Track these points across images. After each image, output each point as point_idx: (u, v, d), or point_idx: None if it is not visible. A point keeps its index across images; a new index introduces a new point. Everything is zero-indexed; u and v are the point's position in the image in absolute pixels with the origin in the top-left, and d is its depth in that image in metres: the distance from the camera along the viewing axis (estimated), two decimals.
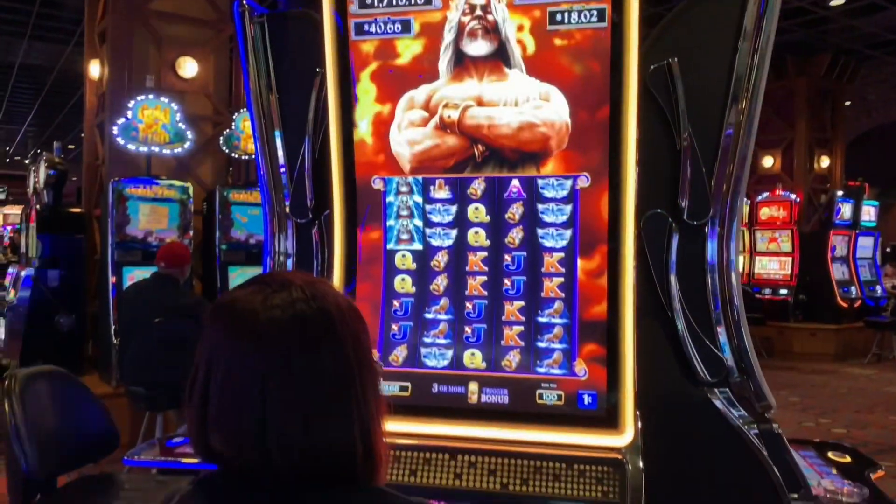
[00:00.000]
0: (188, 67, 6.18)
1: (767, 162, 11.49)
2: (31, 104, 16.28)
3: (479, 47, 1.75)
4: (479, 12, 1.74)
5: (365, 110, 1.83)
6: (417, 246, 1.86)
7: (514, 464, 1.65)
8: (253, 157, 5.63)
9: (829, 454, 2.39)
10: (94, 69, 6.42)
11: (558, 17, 1.72)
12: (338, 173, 1.89)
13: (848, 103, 11.95)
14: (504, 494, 1.62)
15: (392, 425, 1.74)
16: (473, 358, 1.79)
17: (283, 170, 2.17)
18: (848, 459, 2.36)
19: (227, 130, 6.17)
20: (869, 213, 10.81)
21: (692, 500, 1.93)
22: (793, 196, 10.66)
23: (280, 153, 2.17)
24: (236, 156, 6.24)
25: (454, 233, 1.84)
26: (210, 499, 0.91)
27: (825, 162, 11.33)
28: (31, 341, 5.38)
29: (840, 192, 10.64)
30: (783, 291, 10.55)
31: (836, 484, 2.04)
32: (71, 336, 5.51)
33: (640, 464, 1.63)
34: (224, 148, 6.23)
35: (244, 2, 2.10)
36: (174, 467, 2.08)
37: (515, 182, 1.79)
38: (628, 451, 1.63)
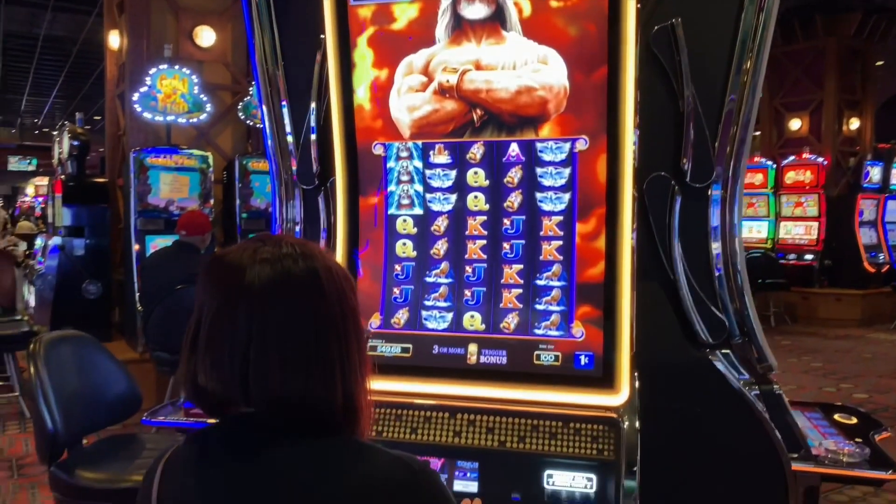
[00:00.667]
0: (206, 36, 6.21)
1: (794, 124, 11.26)
2: (57, 76, 16.48)
3: (476, 10, 1.75)
4: None
5: (363, 76, 1.85)
6: (418, 211, 1.89)
7: (512, 422, 1.69)
8: None
9: (836, 416, 2.40)
10: (114, 39, 6.47)
11: None
12: (339, 139, 1.91)
13: (879, 63, 11.61)
14: (502, 451, 1.67)
15: (394, 385, 1.81)
16: (473, 320, 1.82)
17: (289, 137, 2.19)
18: (854, 421, 2.37)
19: (246, 99, 6.21)
20: None
21: (692, 460, 1.96)
22: (820, 159, 10.45)
23: (286, 121, 2.20)
24: (255, 124, 6.29)
25: (454, 197, 1.86)
26: (200, 448, 0.97)
27: (854, 124, 11.06)
28: (60, 308, 5.54)
29: (869, 155, 10.42)
30: (808, 257, 10.43)
31: (838, 444, 2.06)
32: (98, 303, 5.67)
33: (636, 423, 1.66)
34: (242, 116, 6.28)
35: None
36: (189, 427, 2.16)
37: (514, 146, 1.80)
38: (623, 410, 1.66)
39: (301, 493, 0.89)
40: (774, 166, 10.83)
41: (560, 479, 1.62)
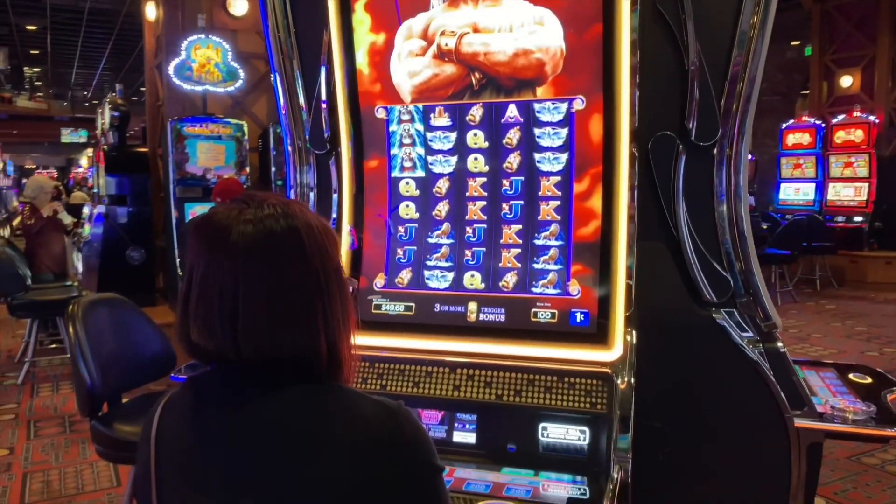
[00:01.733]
0: (239, 5, 6.28)
1: (845, 81, 10.84)
2: (104, 48, 16.85)
3: None
4: None
5: (362, 41, 1.88)
6: (420, 173, 1.93)
7: (509, 377, 1.74)
8: None
9: (851, 376, 2.39)
10: (151, 11, 6.61)
11: None
12: (343, 104, 1.96)
13: None
14: (498, 404, 1.73)
15: (397, 342, 1.88)
16: (473, 279, 1.87)
17: (302, 103, 2.25)
18: (869, 381, 2.35)
19: None
20: None
21: (695, 417, 1.99)
22: (871, 118, 10.06)
23: (299, 88, 2.25)
24: None
25: (454, 159, 1.90)
26: (195, 391, 1.05)
27: None
28: (106, 274, 5.79)
29: None
30: (857, 219, 10.11)
31: (846, 402, 2.06)
32: (142, 269, 5.90)
33: (630, 378, 1.69)
34: None
35: None
36: None
37: (512, 107, 1.82)
38: (617, 366, 1.70)
39: (289, 435, 0.95)
40: (823, 126, 10.48)
41: (554, 432, 1.68)
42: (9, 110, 22.96)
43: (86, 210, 7.15)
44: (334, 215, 2.13)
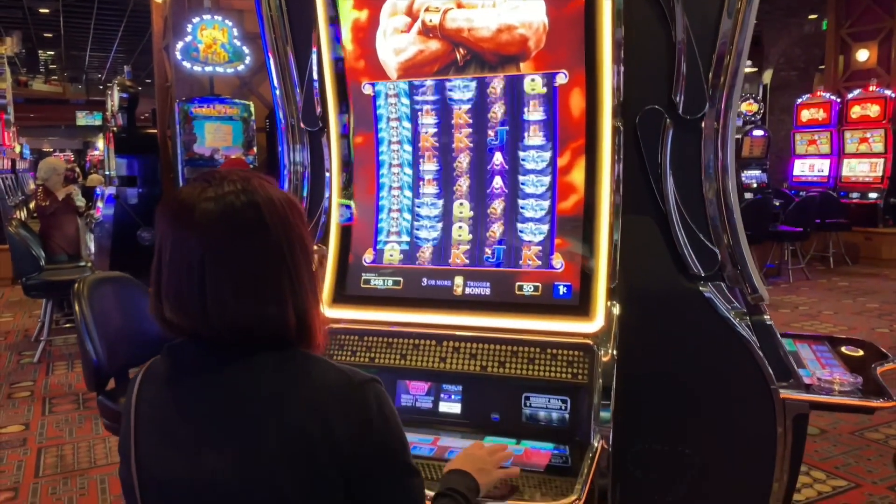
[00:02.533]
0: None
1: (862, 55, 10.66)
2: (116, 30, 16.91)
3: None
4: None
5: (347, 17, 1.90)
6: (407, 149, 1.95)
7: (493, 349, 1.78)
8: None
9: (843, 349, 2.40)
10: None
11: None
12: (330, 80, 1.98)
13: None
14: (483, 375, 1.76)
15: (385, 315, 1.92)
16: (459, 254, 1.90)
17: (295, 79, 2.27)
18: (860, 353, 2.37)
19: None
20: None
21: (682, 389, 2.01)
22: (888, 92, 9.90)
23: (292, 65, 2.27)
24: None
25: (440, 135, 1.91)
26: (172, 360, 1.09)
27: None
28: (118, 255, 5.88)
29: None
30: (872, 195, 10.00)
31: (833, 374, 2.07)
32: (153, 249, 5.97)
33: (612, 349, 1.72)
34: None
35: None
36: None
37: (496, 82, 1.83)
38: (599, 337, 1.73)
39: (256, 398, 1.00)
40: (839, 101, 10.33)
41: (536, 402, 1.71)
42: (25, 94, 23.15)
43: (98, 191, 7.24)
44: (327, 193, 2.16)
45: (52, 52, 21.54)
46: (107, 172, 6.54)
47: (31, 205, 9.49)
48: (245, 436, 0.98)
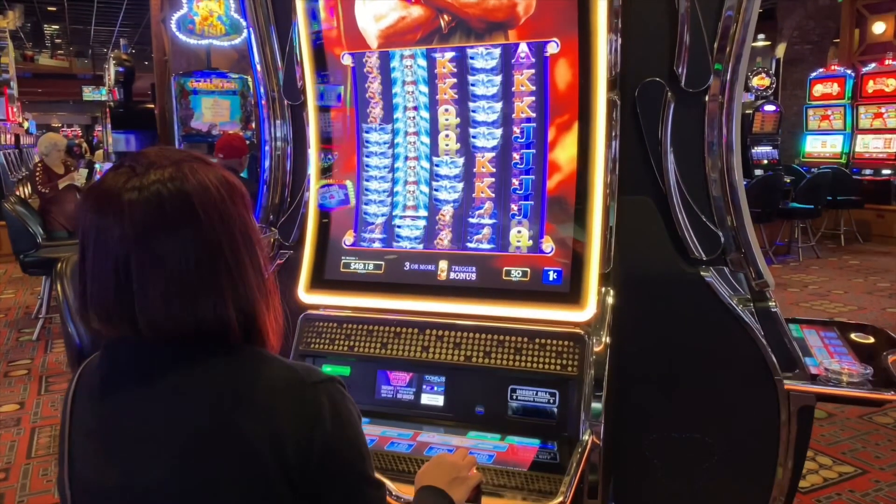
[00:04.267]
0: None
1: (878, 28, 10.38)
2: (120, 4, 16.70)
3: None
4: None
5: None
6: (388, 125, 1.84)
7: (479, 337, 1.68)
8: None
9: (853, 335, 2.29)
10: None
11: None
12: (307, 51, 1.86)
13: None
14: (467, 366, 1.66)
15: (366, 301, 1.81)
16: (444, 236, 1.79)
17: (276, 53, 2.16)
18: (871, 341, 2.25)
19: None
20: None
21: (682, 378, 1.91)
22: None
23: (274, 37, 2.15)
24: None
25: (423, 109, 1.79)
26: (109, 360, 0.99)
27: None
28: None
29: None
30: (886, 172, 9.78)
31: (842, 363, 1.96)
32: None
33: (605, 339, 1.61)
34: None
35: None
36: None
37: (483, 51, 1.70)
38: (591, 326, 1.62)
39: (202, 406, 0.90)
40: (853, 75, 10.07)
41: (523, 395, 1.61)
42: (32, 68, 23.01)
43: (98, 168, 7.15)
44: (310, 170, 2.06)
45: (57, 27, 21.36)
46: (105, 148, 6.44)
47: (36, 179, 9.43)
48: (185, 446, 0.88)
